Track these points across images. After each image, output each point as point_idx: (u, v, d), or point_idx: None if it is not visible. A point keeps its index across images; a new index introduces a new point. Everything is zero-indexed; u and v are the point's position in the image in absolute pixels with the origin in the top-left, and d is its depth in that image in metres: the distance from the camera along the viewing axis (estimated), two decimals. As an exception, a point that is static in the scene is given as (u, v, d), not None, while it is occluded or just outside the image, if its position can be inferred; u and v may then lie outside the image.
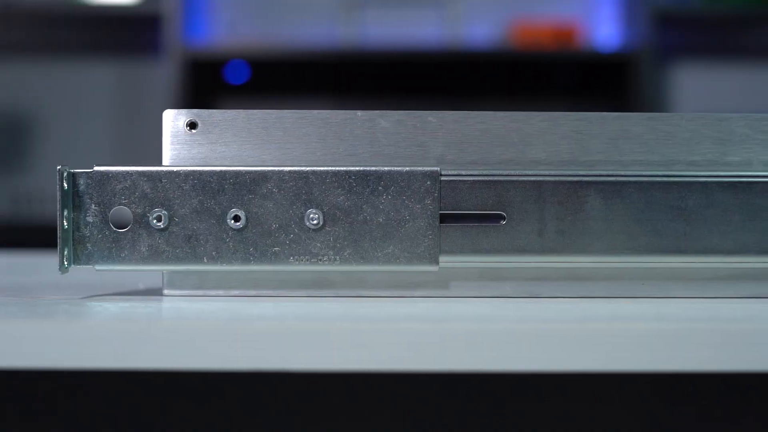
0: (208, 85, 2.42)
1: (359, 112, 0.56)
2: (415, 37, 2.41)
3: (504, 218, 0.55)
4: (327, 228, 0.55)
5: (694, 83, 2.49)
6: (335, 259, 0.55)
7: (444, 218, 0.55)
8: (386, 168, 0.55)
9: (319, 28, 2.47)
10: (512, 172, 0.55)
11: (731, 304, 0.54)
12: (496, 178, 0.55)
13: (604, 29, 2.46)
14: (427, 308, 0.52)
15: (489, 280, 0.56)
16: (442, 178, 0.55)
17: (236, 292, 0.56)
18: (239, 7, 2.48)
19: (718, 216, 0.55)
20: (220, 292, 0.56)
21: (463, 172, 0.55)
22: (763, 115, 0.57)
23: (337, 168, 0.55)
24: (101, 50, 2.47)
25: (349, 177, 0.55)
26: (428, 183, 0.55)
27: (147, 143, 2.41)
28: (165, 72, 2.27)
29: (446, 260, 0.55)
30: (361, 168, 0.55)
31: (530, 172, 0.55)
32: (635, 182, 0.55)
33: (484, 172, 0.55)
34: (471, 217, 0.55)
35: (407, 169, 0.55)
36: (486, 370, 0.46)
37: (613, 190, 0.55)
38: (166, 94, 2.25)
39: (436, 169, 0.55)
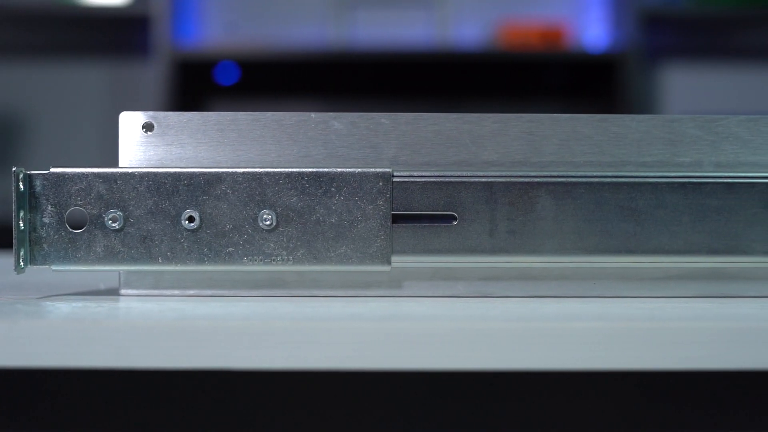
0: (198, 86, 2.42)
1: (313, 114, 0.57)
2: (404, 39, 2.42)
3: (455, 219, 0.56)
4: (280, 229, 0.55)
5: (682, 84, 2.49)
6: (288, 260, 0.55)
7: (396, 219, 0.56)
8: (339, 169, 0.55)
9: (309, 29, 2.47)
10: (463, 173, 0.56)
11: (680, 304, 0.55)
12: (447, 179, 0.56)
13: (592, 30, 2.46)
14: (376, 308, 0.53)
15: (441, 279, 0.57)
16: (394, 179, 0.56)
17: (192, 292, 0.57)
18: (229, 8, 2.49)
19: (667, 216, 0.56)
20: (176, 292, 0.57)
21: (415, 174, 0.56)
22: (713, 116, 0.57)
23: (290, 169, 0.55)
24: (90, 51, 2.48)
25: (302, 178, 0.55)
26: (380, 184, 0.55)
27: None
28: (154, 73, 2.27)
29: (398, 260, 0.56)
30: (314, 169, 0.55)
31: (481, 173, 0.56)
32: (585, 183, 0.56)
33: (436, 173, 0.56)
34: (423, 217, 0.56)
35: (359, 170, 0.55)
36: (434, 369, 0.47)
37: (564, 190, 0.56)
38: (154, 95, 2.26)
39: (388, 170, 0.55)
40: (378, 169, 0.55)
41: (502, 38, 2.37)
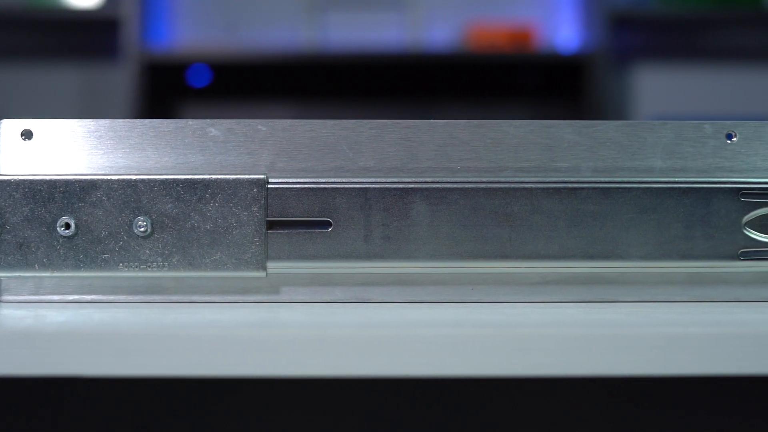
0: (170, 89, 2.43)
1: (190, 121, 0.57)
2: (376, 41, 2.42)
3: (331, 225, 0.56)
4: (155, 235, 0.55)
5: (653, 85, 2.49)
6: (164, 266, 0.56)
7: (272, 225, 0.56)
8: (214, 176, 0.56)
9: (281, 31, 2.48)
10: (338, 180, 0.56)
11: (556, 309, 0.55)
12: (322, 186, 0.56)
13: (562, 32, 2.46)
14: (249, 314, 0.53)
15: (319, 285, 0.57)
16: (270, 186, 0.56)
17: (72, 298, 0.57)
18: (202, 10, 2.49)
19: (543, 222, 0.56)
20: (56, 298, 0.57)
21: (291, 180, 0.56)
22: (590, 122, 0.57)
23: (165, 176, 0.56)
24: (60, 54, 2.48)
25: (177, 185, 0.56)
26: (255, 190, 0.56)
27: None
28: (123, 76, 2.28)
29: (274, 266, 0.56)
30: (189, 176, 0.56)
31: (356, 180, 0.56)
32: (460, 189, 0.56)
33: (311, 180, 0.56)
34: (298, 223, 0.56)
35: (234, 177, 0.56)
36: (305, 375, 0.47)
37: (439, 196, 0.56)
38: (124, 99, 2.26)
39: (262, 176, 0.56)
40: (252, 176, 0.56)
41: (471, 40, 2.37)
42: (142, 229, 0.55)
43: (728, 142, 0.58)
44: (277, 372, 0.49)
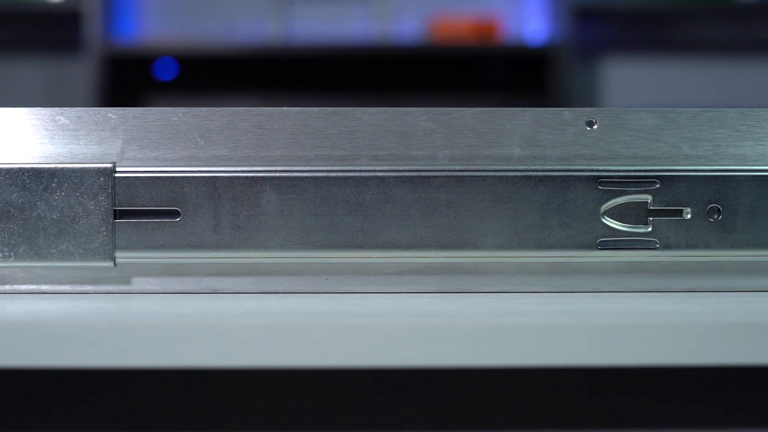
0: (136, 82, 2.42)
1: (41, 109, 0.56)
2: (343, 34, 2.41)
3: (179, 214, 0.55)
4: (1, 225, 0.55)
5: (620, 77, 2.48)
6: (10, 256, 0.55)
7: (120, 214, 0.55)
8: (60, 165, 0.55)
9: (248, 24, 2.47)
10: (186, 168, 0.55)
11: (412, 299, 0.54)
12: (170, 175, 0.55)
13: (529, 24, 2.45)
14: (97, 304, 0.53)
15: (170, 275, 0.56)
16: (117, 175, 0.55)
17: None
18: (168, 3, 2.48)
19: (396, 211, 0.55)
20: None
21: (139, 169, 0.55)
22: (447, 109, 0.56)
23: (9, 165, 0.55)
24: (22, 48, 2.47)
25: (23, 174, 0.55)
26: (102, 179, 0.55)
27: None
28: (85, 70, 2.27)
29: (123, 256, 0.55)
30: (35, 165, 0.55)
31: (205, 168, 0.55)
32: (311, 177, 0.55)
33: (159, 168, 0.55)
34: (147, 213, 0.55)
35: (80, 166, 0.55)
36: (154, 366, 0.47)
37: (289, 185, 0.55)
38: (86, 93, 2.25)
39: (109, 165, 0.55)
40: (99, 165, 0.55)
41: (435, 33, 2.36)
42: (-14, 219, 0.54)
43: (588, 129, 0.57)
44: (123, 363, 0.48)
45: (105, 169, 0.55)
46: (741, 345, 0.49)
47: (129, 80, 2.35)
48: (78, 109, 0.56)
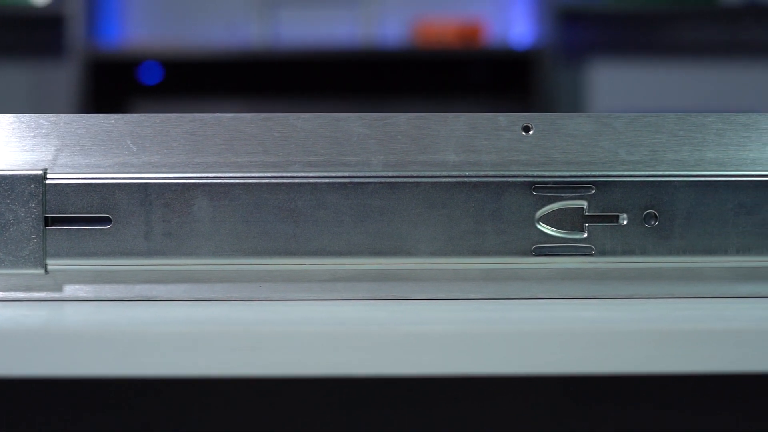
0: (120, 86, 2.42)
1: (-28, 116, 0.56)
2: (328, 37, 2.41)
3: (111, 221, 0.55)
4: (-69, 232, 0.54)
5: (605, 80, 2.48)
6: (-60, 264, 0.54)
7: (52, 221, 0.55)
8: (-10, 172, 0.55)
9: (232, 28, 2.46)
10: (118, 175, 0.55)
11: (346, 306, 0.54)
12: (101, 181, 0.55)
13: (514, 27, 2.45)
14: (28, 312, 0.52)
15: (103, 282, 0.56)
16: (48, 182, 0.55)
17: None
18: (153, 7, 2.48)
19: (328, 217, 0.55)
20: None
21: (70, 175, 0.55)
22: (381, 114, 0.56)
23: (-61, 172, 0.54)
24: (4, 52, 2.47)
25: (-47, 181, 0.54)
26: (32, 186, 0.54)
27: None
28: (68, 74, 2.27)
29: (54, 263, 0.55)
30: (-35, 172, 0.54)
31: (136, 175, 0.55)
32: (243, 184, 0.55)
33: (90, 175, 0.55)
34: (78, 220, 0.55)
35: (10, 172, 0.55)
36: (83, 376, 0.47)
37: (222, 191, 0.55)
38: (69, 97, 2.25)
39: (40, 172, 0.55)
40: (29, 172, 0.55)
41: (420, 36, 2.36)
42: None
43: (524, 134, 0.56)
44: (55, 371, 0.48)
45: (36, 175, 0.54)
46: (676, 352, 0.49)
47: (113, 84, 2.35)
48: (10, 115, 0.56)
